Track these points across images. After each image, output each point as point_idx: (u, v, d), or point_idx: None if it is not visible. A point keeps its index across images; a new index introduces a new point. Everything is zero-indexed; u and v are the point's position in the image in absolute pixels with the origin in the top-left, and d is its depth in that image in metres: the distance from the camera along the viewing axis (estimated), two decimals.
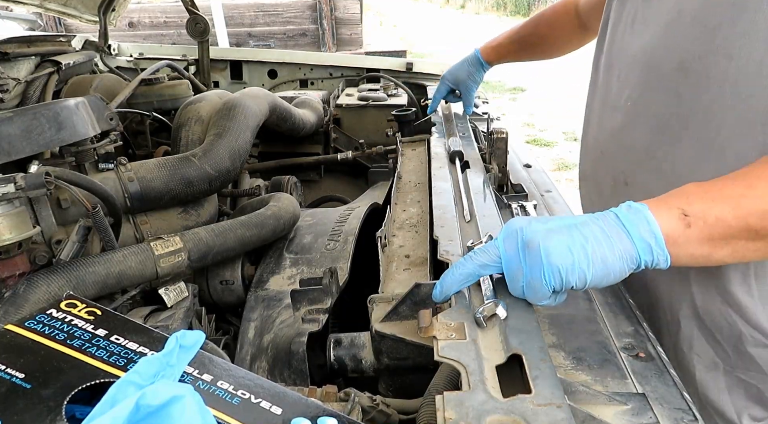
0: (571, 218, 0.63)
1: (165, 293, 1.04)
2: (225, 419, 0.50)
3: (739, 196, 0.59)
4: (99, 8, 2.18)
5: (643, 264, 0.60)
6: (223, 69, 2.52)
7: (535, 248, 0.59)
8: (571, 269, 0.58)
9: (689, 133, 0.74)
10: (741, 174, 0.62)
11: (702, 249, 0.60)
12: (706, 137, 0.72)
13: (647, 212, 0.59)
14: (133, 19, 6.62)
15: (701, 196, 0.60)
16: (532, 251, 0.59)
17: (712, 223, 0.59)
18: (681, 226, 0.59)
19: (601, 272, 0.59)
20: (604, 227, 0.60)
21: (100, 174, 1.13)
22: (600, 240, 0.59)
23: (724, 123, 0.70)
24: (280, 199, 1.31)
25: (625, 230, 0.59)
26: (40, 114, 0.99)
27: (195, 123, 1.41)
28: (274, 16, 6.68)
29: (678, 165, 0.77)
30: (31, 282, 0.88)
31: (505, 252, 0.63)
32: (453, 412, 0.50)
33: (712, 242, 0.59)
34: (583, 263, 0.58)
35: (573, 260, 0.58)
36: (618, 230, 0.59)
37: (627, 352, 0.66)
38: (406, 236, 1.01)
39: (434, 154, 1.30)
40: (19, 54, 1.67)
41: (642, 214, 0.59)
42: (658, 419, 0.55)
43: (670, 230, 0.59)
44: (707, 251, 0.60)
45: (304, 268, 1.18)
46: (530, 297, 0.63)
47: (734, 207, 0.58)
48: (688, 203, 0.60)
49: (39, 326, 0.60)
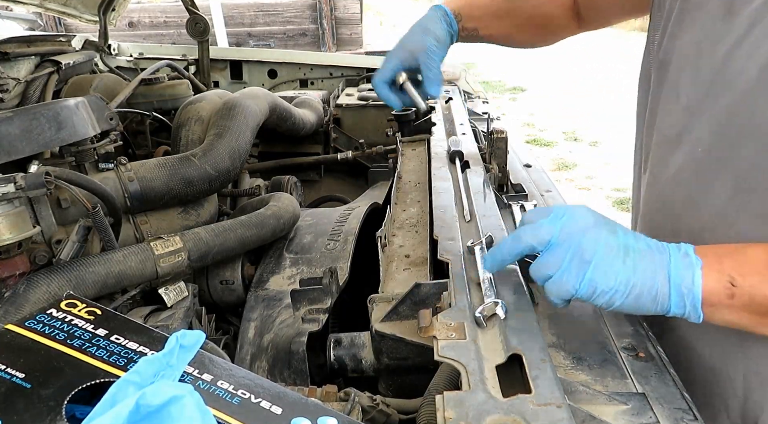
0: (633, 236, 0.61)
1: (165, 293, 1.04)
2: (225, 419, 0.50)
3: None
4: (99, 8, 2.18)
5: (671, 314, 0.60)
6: (222, 69, 2.52)
7: (587, 258, 0.59)
8: (606, 292, 0.59)
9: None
10: None
11: (741, 320, 0.59)
12: None
13: (698, 270, 0.58)
14: (133, 18, 6.62)
15: (759, 268, 0.57)
16: (583, 259, 0.59)
17: (760, 301, 0.57)
18: (724, 295, 0.58)
19: (630, 305, 0.60)
20: (655, 265, 0.59)
21: (100, 174, 1.13)
22: (645, 278, 0.59)
23: None
24: (280, 199, 1.31)
25: (669, 279, 0.58)
26: (40, 114, 0.99)
27: (195, 123, 1.41)
28: (273, 16, 6.68)
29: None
30: (31, 282, 0.88)
31: (557, 241, 0.61)
32: (453, 412, 0.50)
33: (753, 316, 0.58)
34: (619, 293, 0.59)
35: (612, 287, 0.59)
36: (665, 274, 0.59)
37: (627, 352, 0.66)
38: (406, 235, 1.01)
39: (434, 154, 1.30)
40: (19, 54, 1.67)
41: (692, 270, 0.58)
42: (658, 419, 0.55)
43: (711, 295, 0.58)
44: (746, 322, 0.59)
45: (304, 268, 1.18)
46: (550, 290, 0.62)
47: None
48: (741, 274, 0.57)
49: (39, 326, 0.60)
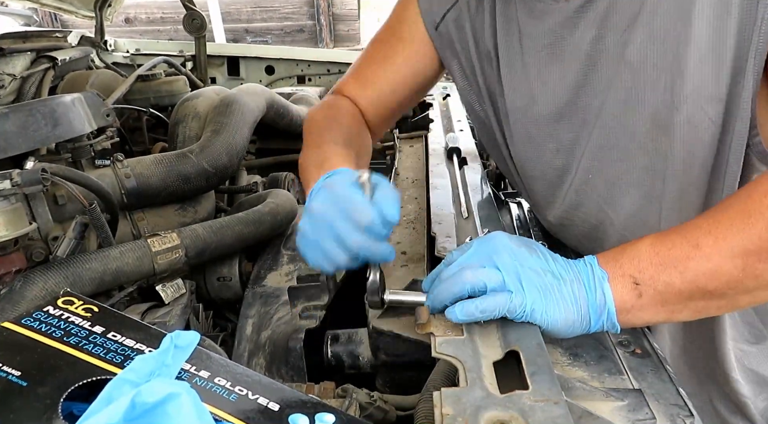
0: (554, 266, 0.62)
1: (162, 290, 1.04)
2: (222, 416, 0.50)
3: (685, 258, 0.57)
4: (95, 4, 2.16)
5: (592, 332, 0.61)
6: (220, 65, 2.51)
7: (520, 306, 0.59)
8: (539, 320, 0.59)
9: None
10: (691, 227, 0.60)
11: (657, 314, 0.60)
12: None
13: (606, 284, 0.60)
14: (129, 14, 6.58)
15: (651, 259, 0.59)
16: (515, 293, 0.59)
17: (662, 290, 0.58)
18: (633, 296, 0.59)
19: (555, 331, 0.60)
20: (577, 293, 0.60)
21: (97, 170, 1.12)
22: (574, 310, 0.60)
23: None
24: (278, 195, 1.31)
25: (587, 301, 0.60)
26: (37, 110, 0.99)
27: (192, 119, 1.41)
28: (271, 12, 6.65)
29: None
30: (28, 279, 0.88)
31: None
32: (450, 408, 0.50)
33: (666, 306, 0.59)
34: (547, 322, 0.60)
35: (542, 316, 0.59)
36: (584, 299, 0.60)
37: (623, 348, 0.67)
38: (403, 232, 1.01)
39: (432, 150, 1.30)
40: (14, 49, 1.65)
41: (601, 286, 0.60)
42: (655, 415, 0.55)
43: (622, 302, 0.59)
44: (664, 315, 0.60)
45: (301, 264, 1.18)
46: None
47: (682, 271, 0.57)
48: (639, 270, 0.59)
49: (35, 324, 0.59)
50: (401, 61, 0.97)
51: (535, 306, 0.59)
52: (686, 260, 0.57)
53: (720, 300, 0.58)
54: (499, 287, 0.60)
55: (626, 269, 0.60)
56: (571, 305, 0.59)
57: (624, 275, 0.60)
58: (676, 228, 0.61)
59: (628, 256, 0.61)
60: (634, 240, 0.62)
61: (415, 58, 0.97)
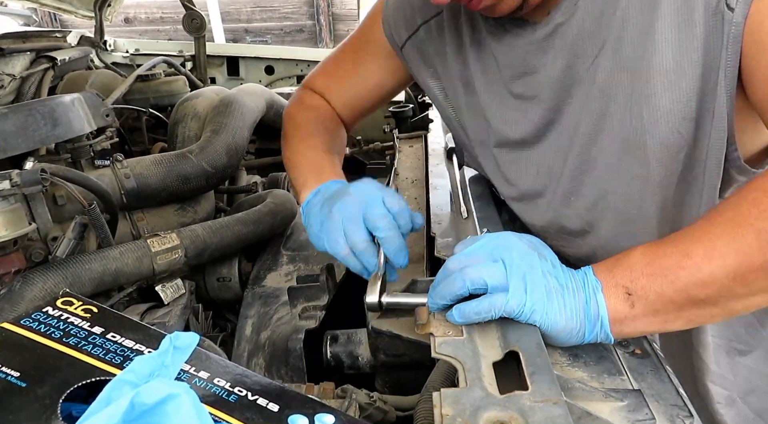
0: (559, 272, 0.62)
1: (162, 290, 1.04)
2: (221, 417, 0.50)
3: (676, 267, 0.57)
4: (95, 4, 2.16)
5: (586, 342, 0.62)
6: (219, 65, 2.51)
7: (527, 314, 0.59)
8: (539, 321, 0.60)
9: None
10: (681, 237, 0.60)
11: (651, 324, 0.60)
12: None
13: (599, 294, 0.60)
14: (129, 14, 6.58)
15: (643, 269, 0.59)
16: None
17: (654, 300, 0.58)
18: (626, 306, 0.59)
19: (554, 335, 0.61)
20: (578, 303, 0.60)
21: (96, 171, 1.12)
22: (574, 318, 0.60)
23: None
24: (277, 195, 1.31)
25: (584, 312, 0.60)
26: (36, 110, 0.99)
27: (192, 119, 1.41)
28: (270, 12, 6.65)
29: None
30: (27, 279, 0.87)
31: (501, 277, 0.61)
32: (450, 408, 0.50)
33: (659, 315, 0.59)
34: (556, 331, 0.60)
35: (543, 318, 0.59)
36: (582, 309, 0.60)
37: (623, 349, 0.67)
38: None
39: (431, 150, 1.30)
40: (14, 49, 1.65)
41: (594, 296, 0.60)
42: (654, 416, 0.55)
43: (615, 312, 0.59)
44: (658, 325, 0.60)
45: (301, 265, 1.18)
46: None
47: (672, 281, 0.57)
48: (631, 280, 0.59)
49: (35, 324, 0.59)
50: (371, 71, 1.03)
51: (537, 307, 0.59)
52: (677, 269, 0.57)
53: (713, 308, 0.58)
54: (500, 286, 0.60)
55: (619, 279, 0.60)
56: (572, 312, 0.60)
57: (617, 286, 0.60)
58: (668, 237, 0.61)
59: (621, 266, 0.61)
60: (627, 250, 0.62)
61: (384, 68, 1.02)
